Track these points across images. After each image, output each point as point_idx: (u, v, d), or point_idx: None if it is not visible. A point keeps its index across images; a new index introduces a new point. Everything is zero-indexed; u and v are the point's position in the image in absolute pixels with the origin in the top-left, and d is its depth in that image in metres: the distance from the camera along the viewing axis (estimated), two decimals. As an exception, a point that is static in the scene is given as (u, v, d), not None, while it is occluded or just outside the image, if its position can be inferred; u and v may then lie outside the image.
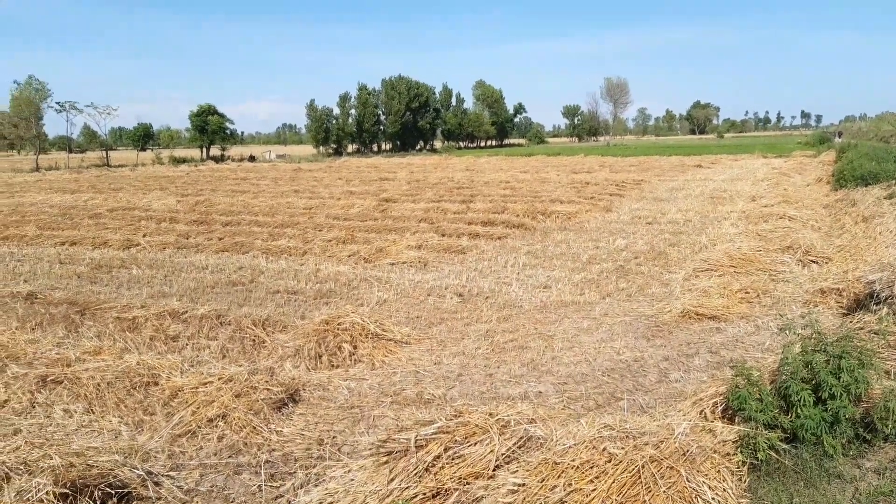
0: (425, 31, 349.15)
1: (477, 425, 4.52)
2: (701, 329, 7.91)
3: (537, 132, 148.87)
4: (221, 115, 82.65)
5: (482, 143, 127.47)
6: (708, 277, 9.98)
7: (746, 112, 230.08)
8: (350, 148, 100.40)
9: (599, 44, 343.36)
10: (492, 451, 4.34)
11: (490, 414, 4.66)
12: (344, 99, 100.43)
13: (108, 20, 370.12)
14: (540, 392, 6.13)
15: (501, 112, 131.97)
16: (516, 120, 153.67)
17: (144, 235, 15.52)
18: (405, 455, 4.43)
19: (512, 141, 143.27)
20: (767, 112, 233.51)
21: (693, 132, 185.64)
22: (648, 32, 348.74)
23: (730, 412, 4.88)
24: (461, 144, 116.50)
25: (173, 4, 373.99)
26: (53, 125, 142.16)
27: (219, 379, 5.94)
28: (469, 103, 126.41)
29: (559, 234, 15.04)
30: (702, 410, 5.07)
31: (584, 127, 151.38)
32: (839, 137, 62.37)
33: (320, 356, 7.15)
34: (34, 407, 6.04)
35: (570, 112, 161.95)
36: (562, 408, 5.69)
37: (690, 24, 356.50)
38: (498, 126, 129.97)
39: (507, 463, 4.30)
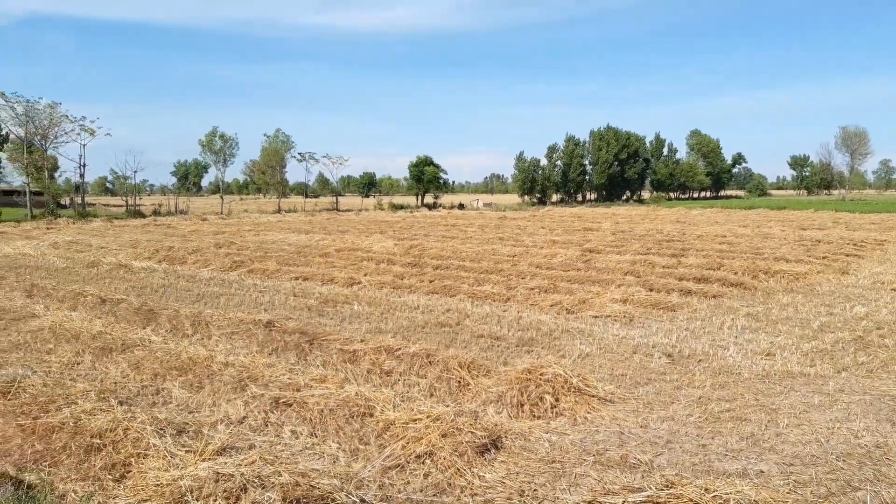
0: (637, 82, 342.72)
1: (690, 500, 4.22)
2: (967, 419, 6.69)
3: (759, 183, 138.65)
4: (436, 166, 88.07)
5: (695, 195, 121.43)
6: (977, 358, 8.46)
7: None
8: (554, 197, 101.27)
9: (832, 91, 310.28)
10: (706, 530, 4.01)
11: (706, 489, 4.33)
12: (551, 150, 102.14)
13: (343, 81, 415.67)
14: (761, 471, 5.56)
15: (718, 162, 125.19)
16: (734, 170, 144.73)
17: (365, 275, 16.83)
18: (609, 520, 4.26)
19: (729, 192, 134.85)
20: None
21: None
22: (893, 77, 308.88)
23: None
24: (671, 195, 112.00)
25: (397, 69, 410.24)
26: (293, 172, 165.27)
27: (427, 417, 6.19)
28: (682, 153, 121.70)
29: (784, 297, 13.71)
30: (972, 519, 4.26)
31: (813, 179, 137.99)
32: None
33: (522, 405, 7.16)
34: (267, 426, 6.72)
35: (799, 163, 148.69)
36: (787, 491, 5.10)
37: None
38: (713, 177, 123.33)
39: (724, 546, 3.95)
